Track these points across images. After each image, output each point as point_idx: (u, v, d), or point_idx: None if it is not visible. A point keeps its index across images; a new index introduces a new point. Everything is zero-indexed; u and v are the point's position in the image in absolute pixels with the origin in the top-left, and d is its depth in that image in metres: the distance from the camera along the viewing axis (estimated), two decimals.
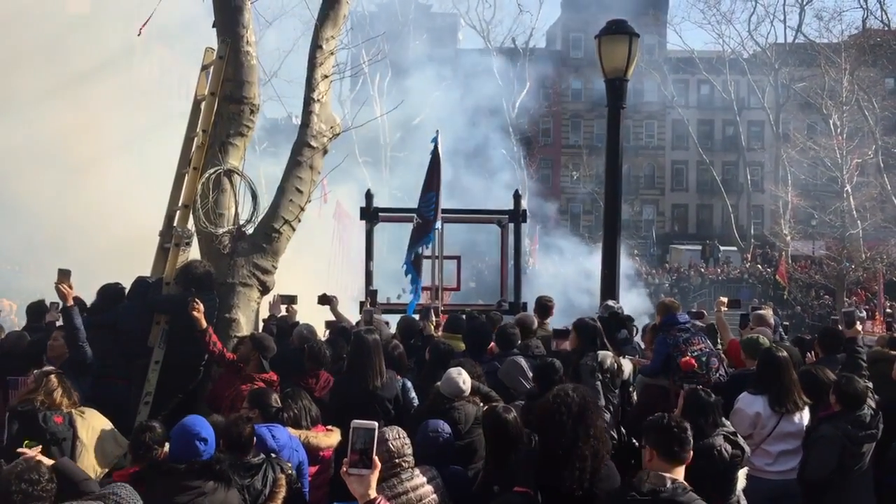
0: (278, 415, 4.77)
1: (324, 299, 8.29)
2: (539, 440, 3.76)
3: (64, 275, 5.68)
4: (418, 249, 9.43)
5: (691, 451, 3.49)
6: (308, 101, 6.81)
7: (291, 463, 4.38)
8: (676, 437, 3.44)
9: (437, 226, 9.30)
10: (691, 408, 4.31)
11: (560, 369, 5.33)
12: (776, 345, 6.23)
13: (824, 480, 4.80)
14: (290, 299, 8.41)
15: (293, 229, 6.76)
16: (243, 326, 6.47)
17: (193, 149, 6.55)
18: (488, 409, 4.51)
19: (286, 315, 8.35)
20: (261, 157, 25.65)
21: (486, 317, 7.65)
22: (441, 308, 9.29)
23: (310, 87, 6.80)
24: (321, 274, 18.00)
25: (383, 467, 3.22)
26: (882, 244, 30.85)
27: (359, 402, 5.30)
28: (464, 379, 4.86)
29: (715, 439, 4.25)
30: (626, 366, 6.04)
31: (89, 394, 5.32)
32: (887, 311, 25.47)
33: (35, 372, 4.95)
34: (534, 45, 44.67)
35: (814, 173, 35.47)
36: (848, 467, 4.82)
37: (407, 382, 5.95)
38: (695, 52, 42.69)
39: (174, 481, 3.75)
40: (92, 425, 4.81)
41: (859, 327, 6.71)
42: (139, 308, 6.18)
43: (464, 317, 7.62)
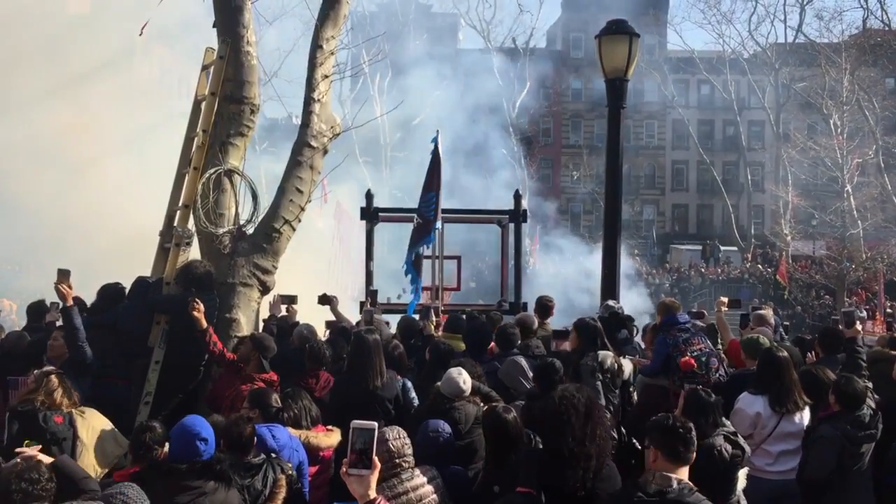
0: (278, 415, 4.77)
1: (324, 299, 8.29)
2: (544, 440, 3.76)
3: (63, 275, 5.68)
4: (419, 249, 9.43)
5: (695, 451, 3.49)
6: (308, 101, 6.81)
7: (292, 463, 4.38)
8: (681, 438, 3.43)
9: (437, 226, 9.29)
10: (691, 408, 4.30)
11: (560, 369, 5.32)
12: (776, 345, 6.23)
13: (823, 480, 4.80)
14: (290, 299, 8.42)
15: (293, 229, 6.76)
16: (243, 326, 6.47)
17: (194, 149, 6.55)
18: (488, 409, 4.50)
19: (286, 315, 8.35)
20: (260, 157, 25.62)
21: (487, 317, 7.64)
22: (441, 308, 9.28)
23: (310, 87, 6.80)
24: (321, 274, 17.98)
25: (383, 467, 3.22)
26: (882, 244, 30.87)
27: (359, 402, 5.30)
28: (464, 379, 4.85)
29: (715, 439, 4.24)
30: (627, 366, 6.05)
31: (89, 394, 5.32)
32: (888, 311, 25.46)
33: (35, 372, 4.95)
34: (534, 44, 44.76)
35: (814, 173, 35.49)
36: (847, 467, 4.81)
37: (407, 382, 5.94)
38: (695, 52, 42.69)
39: (174, 481, 3.75)
40: (92, 425, 4.81)
41: (859, 327, 6.69)
42: (139, 308, 6.18)
43: (464, 317, 7.60)
